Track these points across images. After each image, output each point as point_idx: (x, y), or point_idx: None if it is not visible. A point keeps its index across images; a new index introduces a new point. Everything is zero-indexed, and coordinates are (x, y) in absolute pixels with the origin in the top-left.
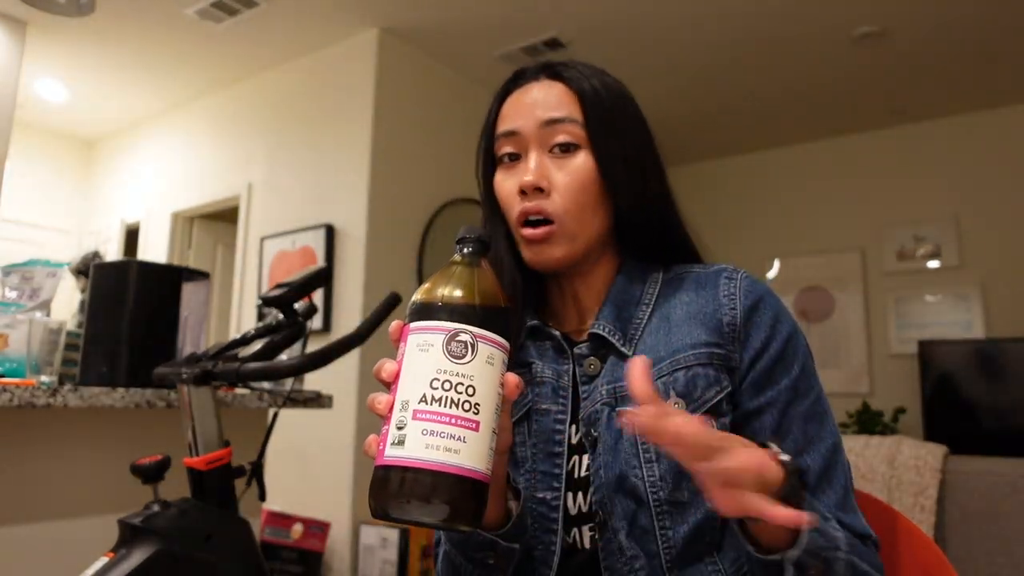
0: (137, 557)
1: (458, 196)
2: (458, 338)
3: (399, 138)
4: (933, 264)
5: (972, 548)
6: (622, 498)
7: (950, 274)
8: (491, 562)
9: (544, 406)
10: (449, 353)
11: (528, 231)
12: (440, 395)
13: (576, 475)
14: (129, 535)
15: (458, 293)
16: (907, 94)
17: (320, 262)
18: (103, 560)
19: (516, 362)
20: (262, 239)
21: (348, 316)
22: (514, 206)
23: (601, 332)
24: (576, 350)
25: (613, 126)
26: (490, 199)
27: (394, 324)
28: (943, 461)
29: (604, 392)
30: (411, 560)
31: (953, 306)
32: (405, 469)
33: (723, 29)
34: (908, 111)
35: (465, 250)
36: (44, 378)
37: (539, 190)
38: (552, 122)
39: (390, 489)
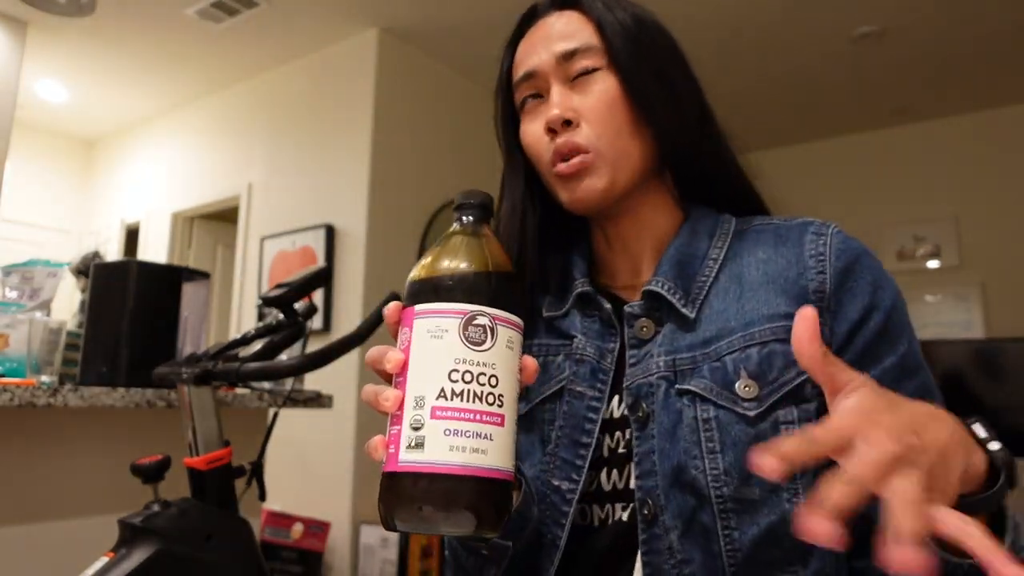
0: (137, 557)
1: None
2: (476, 322)
3: (399, 138)
4: (933, 264)
5: None
6: (678, 493)
7: (950, 274)
8: (485, 553)
9: (579, 388)
10: (467, 339)
11: (561, 166)
12: (461, 388)
13: (617, 450)
14: (129, 535)
15: (469, 268)
16: (907, 94)
17: (320, 262)
18: (103, 560)
19: (558, 332)
20: (262, 239)
21: (348, 316)
22: (544, 151)
23: (658, 289)
24: (627, 308)
25: (635, 44)
26: (512, 157)
27: (392, 306)
28: None
29: (661, 363)
30: (411, 560)
31: (953, 306)
32: (426, 476)
33: (723, 29)
34: (908, 111)
35: (465, 218)
36: (44, 378)
37: (567, 124)
38: (569, 54)
39: (408, 497)
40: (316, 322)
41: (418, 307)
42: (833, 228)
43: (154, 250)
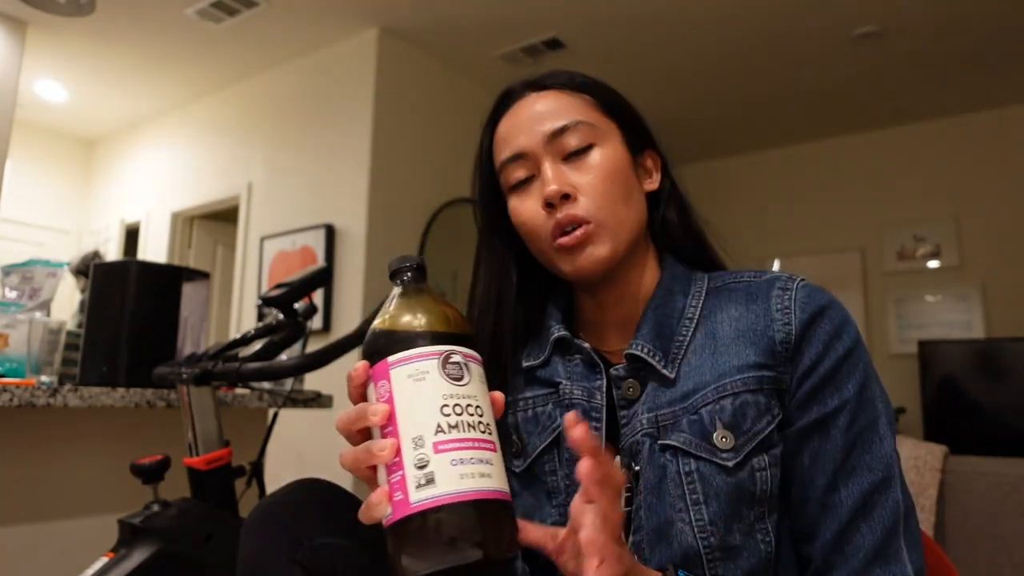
0: (137, 557)
1: (458, 196)
2: (452, 359)
3: (399, 138)
4: (933, 264)
5: (972, 548)
6: (665, 548)
7: (950, 274)
8: None
9: None
10: (448, 376)
11: (564, 239)
12: (455, 420)
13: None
14: (129, 535)
15: (430, 317)
16: (907, 94)
17: (320, 262)
18: (103, 560)
19: (541, 382)
20: (262, 239)
21: (348, 316)
22: (542, 226)
23: (639, 352)
24: (613, 371)
25: (615, 113)
26: (490, 237)
27: (359, 365)
28: (943, 461)
29: (645, 421)
30: None
31: (953, 306)
32: (444, 507)
33: (723, 29)
34: (908, 111)
35: (406, 278)
36: (44, 378)
37: (565, 197)
38: (560, 131)
39: (430, 535)
40: (316, 322)
41: (391, 357)
42: (798, 282)
43: (154, 250)
